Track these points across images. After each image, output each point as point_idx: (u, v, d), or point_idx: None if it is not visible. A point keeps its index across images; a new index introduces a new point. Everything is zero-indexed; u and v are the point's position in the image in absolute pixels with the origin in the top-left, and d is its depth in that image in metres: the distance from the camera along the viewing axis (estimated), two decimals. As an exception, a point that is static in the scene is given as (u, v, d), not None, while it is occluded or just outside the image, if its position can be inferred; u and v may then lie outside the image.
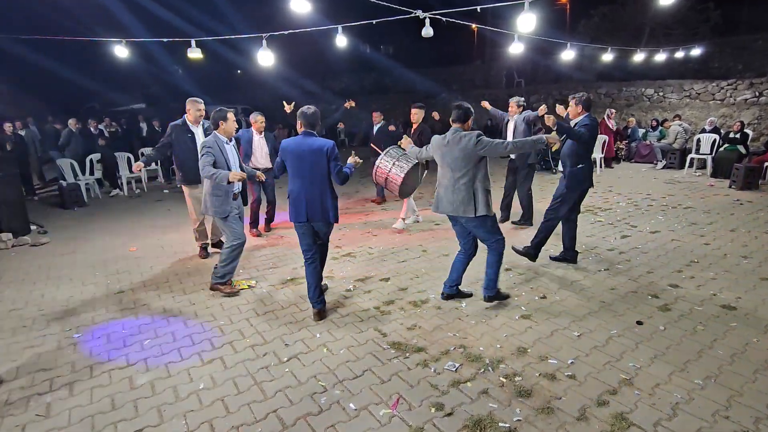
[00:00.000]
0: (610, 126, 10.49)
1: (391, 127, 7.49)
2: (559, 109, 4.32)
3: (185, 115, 4.87)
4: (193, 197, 4.99)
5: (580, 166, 4.28)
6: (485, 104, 6.41)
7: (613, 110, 10.99)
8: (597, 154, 10.13)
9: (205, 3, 19.72)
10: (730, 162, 8.69)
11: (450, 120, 3.55)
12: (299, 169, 3.43)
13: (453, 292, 3.82)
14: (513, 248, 4.52)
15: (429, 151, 3.76)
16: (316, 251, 3.63)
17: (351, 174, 3.51)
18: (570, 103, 4.40)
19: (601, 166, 10.05)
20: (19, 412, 2.59)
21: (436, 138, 3.65)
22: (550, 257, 4.71)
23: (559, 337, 3.22)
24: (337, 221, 3.57)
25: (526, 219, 6.08)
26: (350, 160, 3.59)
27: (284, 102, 5.89)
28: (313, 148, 3.37)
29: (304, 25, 6.95)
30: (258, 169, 5.24)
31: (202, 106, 4.91)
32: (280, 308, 3.84)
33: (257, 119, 5.79)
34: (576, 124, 4.28)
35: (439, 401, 2.55)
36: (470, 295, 3.88)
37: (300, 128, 3.47)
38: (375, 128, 7.50)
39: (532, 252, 4.50)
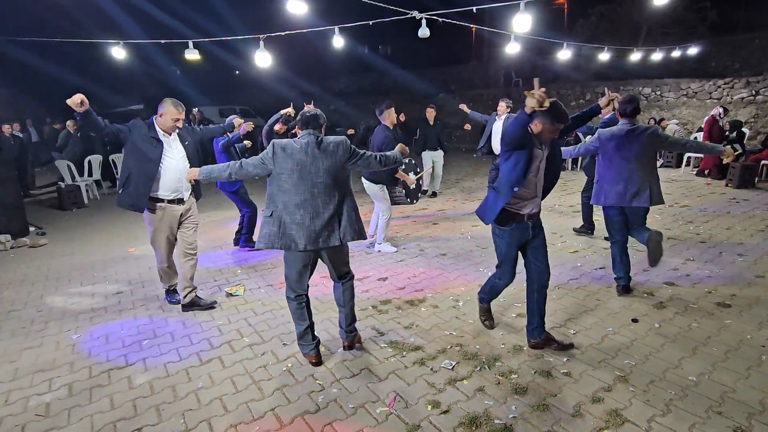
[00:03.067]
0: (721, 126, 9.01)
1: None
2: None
3: (154, 117, 3.55)
4: (167, 220, 3.63)
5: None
6: (463, 107, 6.74)
7: (723, 108, 9.18)
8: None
9: (202, 5, 19.74)
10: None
11: (621, 113, 3.64)
12: None
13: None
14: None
15: (591, 146, 3.86)
16: None
17: None
18: None
19: None
20: (18, 412, 2.60)
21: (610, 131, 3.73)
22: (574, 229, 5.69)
23: (555, 335, 3.23)
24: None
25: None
26: None
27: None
28: None
29: (300, 26, 6.97)
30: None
31: (183, 115, 3.57)
32: (279, 308, 3.85)
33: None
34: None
35: (436, 399, 2.57)
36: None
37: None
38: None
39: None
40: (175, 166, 3.58)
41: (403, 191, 5.02)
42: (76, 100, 3.02)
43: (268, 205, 2.80)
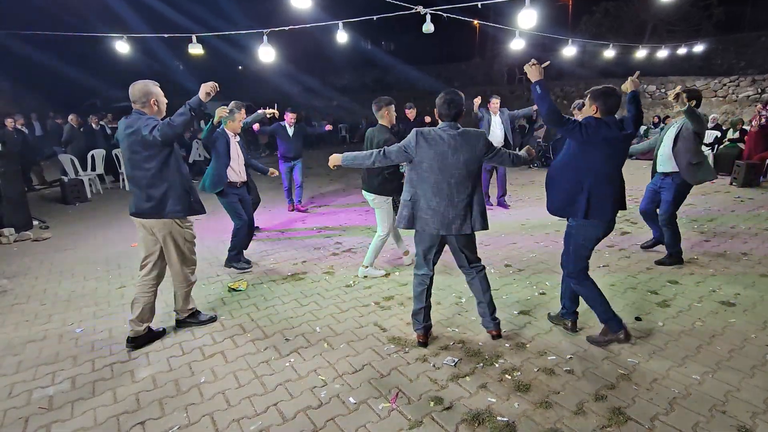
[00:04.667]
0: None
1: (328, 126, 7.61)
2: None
3: (140, 108, 3.04)
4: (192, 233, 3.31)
5: None
6: (476, 102, 6.75)
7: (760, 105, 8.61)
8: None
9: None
10: (731, 159, 8.68)
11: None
12: None
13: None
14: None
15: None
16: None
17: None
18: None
19: None
20: (21, 404, 2.61)
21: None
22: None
23: (557, 332, 3.23)
24: None
25: None
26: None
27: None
28: None
29: (304, 20, 6.94)
30: (234, 184, 4.54)
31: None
32: (281, 303, 3.86)
33: (235, 117, 4.60)
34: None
35: (438, 395, 2.56)
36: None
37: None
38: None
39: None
40: None
41: None
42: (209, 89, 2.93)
43: (407, 190, 2.94)
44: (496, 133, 6.64)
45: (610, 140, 2.76)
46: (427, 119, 7.64)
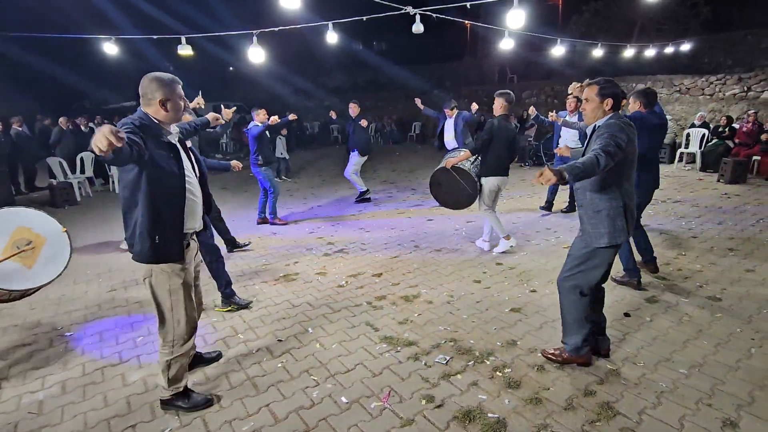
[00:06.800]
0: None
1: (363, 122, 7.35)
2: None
3: (143, 108, 2.25)
4: (192, 266, 2.58)
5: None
6: (417, 101, 7.17)
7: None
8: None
9: (195, 0, 19.57)
10: (718, 156, 8.79)
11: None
12: None
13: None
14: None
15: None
16: None
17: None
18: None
19: None
20: (11, 410, 2.59)
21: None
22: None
23: (548, 329, 3.27)
24: None
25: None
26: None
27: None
28: None
29: (294, 21, 6.93)
30: None
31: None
32: (273, 304, 3.86)
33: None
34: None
35: (430, 393, 2.58)
36: None
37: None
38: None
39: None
40: (194, 182, 2.45)
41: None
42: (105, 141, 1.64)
43: (614, 196, 2.53)
44: (449, 134, 6.69)
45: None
46: (364, 123, 7.32)
